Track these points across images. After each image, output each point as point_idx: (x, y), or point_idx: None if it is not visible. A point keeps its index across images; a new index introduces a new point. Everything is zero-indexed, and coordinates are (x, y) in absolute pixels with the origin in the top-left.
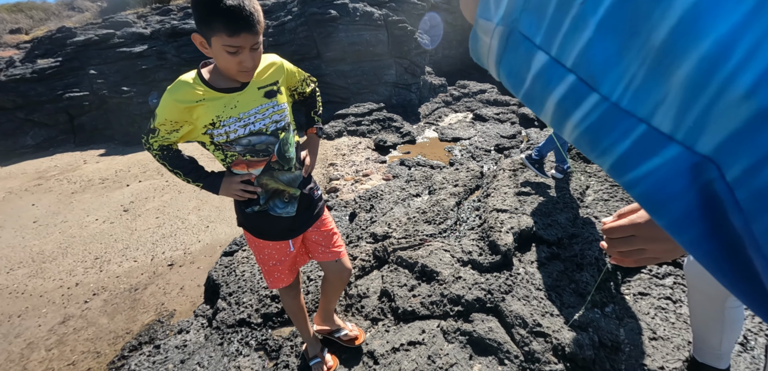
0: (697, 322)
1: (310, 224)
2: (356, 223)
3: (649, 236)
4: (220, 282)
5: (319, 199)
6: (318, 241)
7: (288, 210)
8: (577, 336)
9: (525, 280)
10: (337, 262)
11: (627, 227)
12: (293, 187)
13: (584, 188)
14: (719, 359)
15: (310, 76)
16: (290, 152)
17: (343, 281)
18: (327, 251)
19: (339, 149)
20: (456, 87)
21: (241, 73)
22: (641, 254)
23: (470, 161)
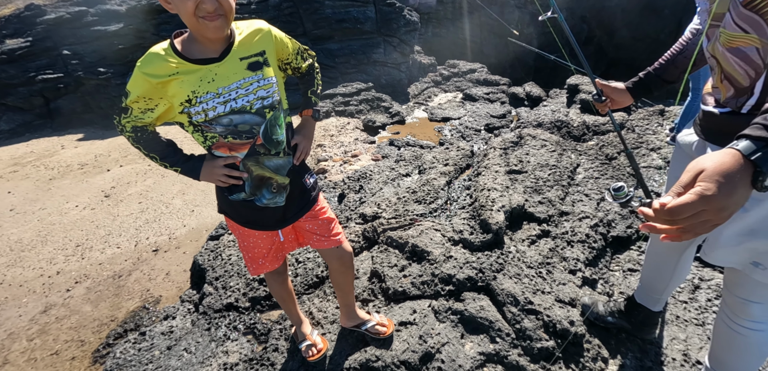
0: (649, 269)
1: (303, 213)
2: (345, 204)
3: (720, 207)
4: (207, 267)
5: (313, 187)
6: (313, 230)
7: (276, 200)
8: (567, 313)
9: (516, 258)
10: (339, 249)
11: (697, 202)
12: (281, 175)
13: (575, 165)
14: (657, 302)
15: (308, 49)
16: (279, 134)
17: (347, 267)
18: (325, 240)
19: (327, 130)
20: (446, 66)
21: (202, 21)
22: (704, 225)
23: (460, 140)
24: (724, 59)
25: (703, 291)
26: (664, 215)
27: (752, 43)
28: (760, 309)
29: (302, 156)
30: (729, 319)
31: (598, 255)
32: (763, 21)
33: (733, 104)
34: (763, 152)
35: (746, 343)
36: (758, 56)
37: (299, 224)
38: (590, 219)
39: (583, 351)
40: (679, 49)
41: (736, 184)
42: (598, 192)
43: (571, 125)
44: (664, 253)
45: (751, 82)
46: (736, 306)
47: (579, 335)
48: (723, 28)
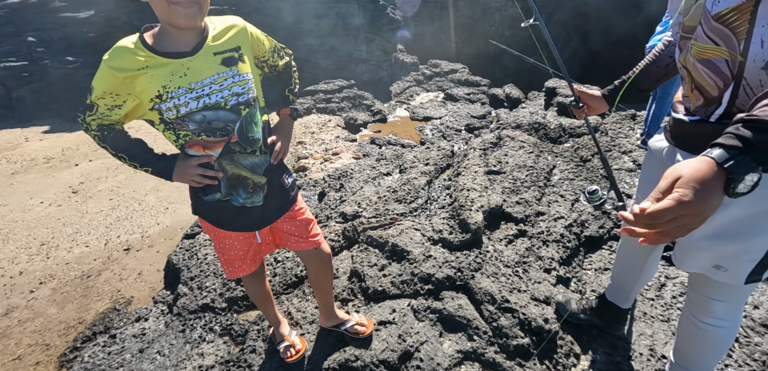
0: (619, 268)
1: (281, 214)
2: (325, 202)
3: (697, 212)
4: (181, 266)
5: (292, 187)
6: (291, 231)
7: (254, 200)
8: (542, 311)
9: (494, 257)
10: (317, 250)
11: (675, 207)
12: (258, 174)
13: (551, 167)
14: (626, 300)
15: (285, 47)
16: (255, 132)
17: (326, 268)
18: (303, 241)
19: (308, 127)
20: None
21: (174, 7)
22: (681, 230)
23: (441, 140)
24: (694, 70)
25: (668, 288)
26: (644, 220)
27: (722, 55)
28: (721, 306)
29: (280, 155)
30: (693, 316)
31: (572, 254)
32: (732, 34)
33: (703, 113)
34: (735, 160)
35: (709, 338)
36: (727, 68)
37: (277, 225)
38: (565, 219)
39: (556, 347)
40: (652, 60)
41: (711, 190)
42: (573, 193)
43: (548, 127)
44: (634, 254)
45: (720, 92)
46: (699, 304)
47: (553, 332)
48: (694, 41)
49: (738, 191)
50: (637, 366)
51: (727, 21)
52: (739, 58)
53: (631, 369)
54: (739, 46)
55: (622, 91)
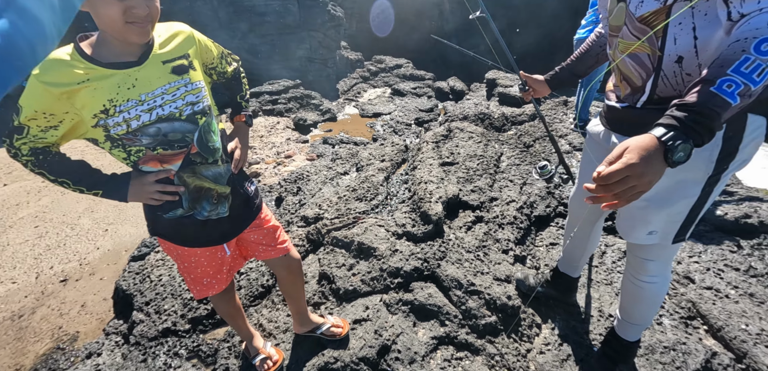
0: (569, 242)
1: (248, 223)
2: (284, 207)
3: (640, 173)
4: (133, 292)
5: (256, 194)
6: (259, 240)
7: (219, 211)
8: (505, 289)
9: (456, 245)
10: (287, 257)
11: (623, 169)
12: (221, 184)
13: (499, 154)
14: (576, 270)
15: (231, 53)
16: (214, 141)
17: (297, 274)
18: (271, 249)
19: (256, 131)
20: (373, 62)
21: (130, 26)
22: (632, 191)
23: (393, 135)
24: (622, 64)
25: (609, 256)
26: (599, 182)
27: (645, 50)
28: (654, 265)
29: (241, 163)
30: (632, 276)
31: (525, 234)
32: (652, 33)
33: (631, 100)
34: (670, 135)
35: (646, 294)
36: (649, 61)
37: (244, 236)
38: (516, 202)
39: (520, 321)
40: (586, 49)
41: (652, 157)
42: (521, 178)
43: (492, 117)
44: (579, 227)
45: (643, 82)
46: (636, 265)
47: (516, 307)
48: (621, 38)
49: (675, 160)
50: (590, 326)
51: (648, 22)
52: (658, 53)
53: (585, 329)
54: (658, 43)
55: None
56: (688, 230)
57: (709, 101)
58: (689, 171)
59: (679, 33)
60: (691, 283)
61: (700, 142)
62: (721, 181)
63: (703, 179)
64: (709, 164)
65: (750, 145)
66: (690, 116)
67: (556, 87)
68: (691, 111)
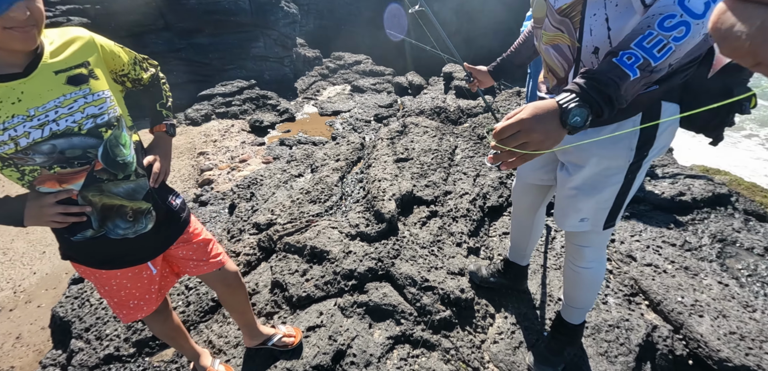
0: (513, 231)
1: (173, 239)
2: (237, 215)
3: (529, 128)
4: (71, 318)
5: (182, 208)
6: (189, 256)
7: (137, 228)
8: (458, 282)
9: (410, 242)
10: (221, 271)
11: (514, 123)
12: (136, 200)
13: (453, 147)
14: (524, 258)
15: (148, 58)
16: (124, 155)
17: (235, 287)
18: (203, 264)
19: (209, 135)
20: (331, 59)
21: (10, 33)
22: (524, 147)
23: (352, 133)
24: (547, 55)
25: (558, 241)
26: (495, 137)
27: (565, 41)
28: (590, 251)
29: (161, 177)
30: (571, 263)
31: (478, 226)
32: (571, 24)
33: (557, 91)
34: (567, 98)
35: (584, 279)
36: (569, 52)
37: (172, 252)
38: (469, 195)
39: (474, 312)
40: (523, 41)
41: (546, 117)
42: (474, 170)
43: (448, 110)
44: (522, 217)
45: (566, 73)
46: (574, 252)
47: (470, 299)
48: (544, 30)
49: (570, 123)
50: (541, 312)
51: (567, 13)
52: (577, 44)
53: (536, 315)
54: (576, 34)
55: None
56: (617, 216)
57: (609, 70)
58: (612, 159)
59: (594, 24)
60: (633, 261)
61: (598, 110)
62: (642, 167)
63: (625, 167)
64: (630, 152)
65: (666, 131)
66: (589, 82)
67: (499, 77)
68: (591, 79)
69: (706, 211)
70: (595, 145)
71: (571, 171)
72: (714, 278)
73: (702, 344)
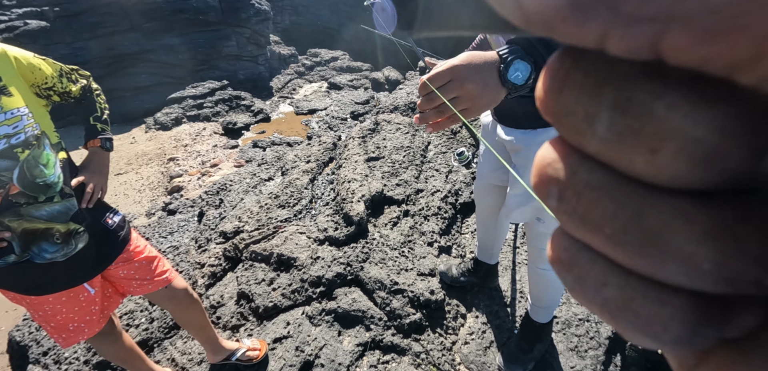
0: (480, 231)
1: (110, 260)
2: (205, 223)
3: (464, 76)
4: (29, 342)
5: (120, 226)
6: (130, 275)
7: (67, 251)
8: (428, 284)
9: (380, 244)
10: (168, 289)
11: (445, 71)
12: (62, 222)
13: (426, 144)
14: (492, 257)
15: (78, 69)
16: (46, 176)
17: (187, 305)
18: (147, 283)
19: (179, 140)
20: (307, 56)
21: None
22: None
23: (328, 132)
24: (495, 44)
25: None
26: (421, 92)
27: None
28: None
29: (94, 196)
30: (533, 264)
31: (450, 223)
32: None
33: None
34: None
35: (547, 280)
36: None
37: (112, 273)
38: (441, 192)
39: (445, 313)
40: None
41: (483, 68)
42: (446, 166)
43: None
44: (486, 217)
45: None
46: (535, 253)
47: (440, 300)
48: None
49: (510, 79)
50: (511, 310)
51: None
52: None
53: (507, 313)
54: None
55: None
56: None
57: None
58: None
59: None
60: None
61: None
62: None
63: None
64: None
65: None
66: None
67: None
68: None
69: None
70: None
71: (523, 172)
72: None
73: None
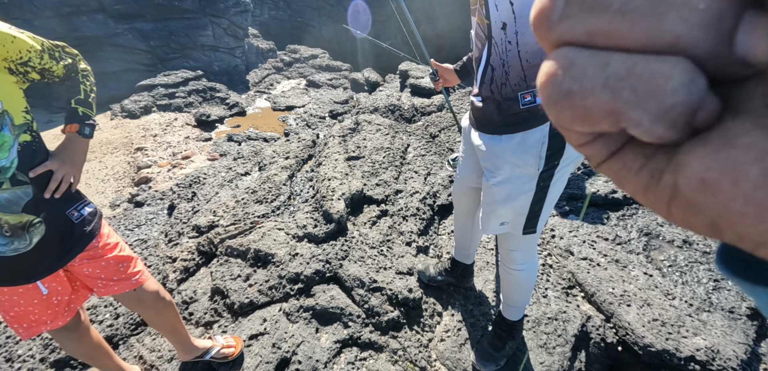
0: (457, 231)
1: (71, 256)
2: (176, 216)
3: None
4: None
5: (87, 220)
6: (96, 274)
7: (17, 246)
8: (406, 282)
9: (359, 242)
10: (136, 292)
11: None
12: (13, 213)
13: (406, 146)
14: (468, 257)
15: (65, 47)
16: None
17: (157, 309)
18: (114, 284)
19: (148, 129)
20: (286, 52)
21: None
22: None
23: (305, 129)
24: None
25: None
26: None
27: (481, 21)
28: (518, 254)
29: (62, 185)
30: (503, 265)
31: (428, 224)
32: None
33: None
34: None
35: (517, 280)
36: (482, 31)
37: (76, 270)
38: (420, 193)
39: (422, 312)
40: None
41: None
42: (425, 168)
43: (402, 108)
44: (462, 218)
45: (479, 52)
46: (505, 255)
47: (418, 299)
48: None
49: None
50: (486, 308)
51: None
52: (486, 21)
53: (482, 312)
54: (484, 11)
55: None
56: (536, 222)
57: None
58: (523, 167)
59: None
60: (571, 256)
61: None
62: (555, 177)
63: (536, 175)
64: (539, 160)
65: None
66: None
67: (465, 76)
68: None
69: (635, 207)
70: (507, 151)
71: (488, 177)
72: (640, 269)
73: (629, 331)
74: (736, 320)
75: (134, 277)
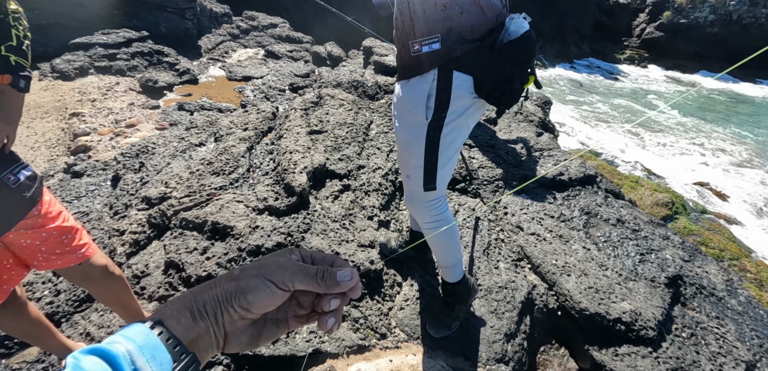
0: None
1: (8, 227)
2: (122, 188)
3: None
4: None
5: (25, 186)
6: (35, 247)
7: None
8: (368, 255)
9: (322, 215)
10: (82, 266)
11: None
12: None
13: (369, 122)
14: None
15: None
16: None
17: (105, 284)
18: (56, 258)
19: (85, 93)
20: (243, 18)
21: None
22: None
23: (264, 102)
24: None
25: (461, 214)
26: None
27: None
28: (425, 212)
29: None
30: (421, 224)
31: (390, 199)
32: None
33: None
34: None
35: (433, 241)
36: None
37: (11, 240)
38: (382, 170)
39: (383, 282)
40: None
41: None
42: (388, 145)
43: (366, 85)
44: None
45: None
46: (416, 217)
47: (379, 270)
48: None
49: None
50: None
51: None
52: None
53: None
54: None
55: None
56: (434, 178)
57: None
58: (413, 114)
59: None
60: (520, 231)
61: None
62: (444, 130)
63: (425, 124)
64: (427, 110)
65: (459, 99)
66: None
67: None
68: None
69: (578, 189)
70: (403, 97)
71: (394, 121)
72: (580, 243)
73: (568, 298)
74: (656, 287)
75: (80, 250)
